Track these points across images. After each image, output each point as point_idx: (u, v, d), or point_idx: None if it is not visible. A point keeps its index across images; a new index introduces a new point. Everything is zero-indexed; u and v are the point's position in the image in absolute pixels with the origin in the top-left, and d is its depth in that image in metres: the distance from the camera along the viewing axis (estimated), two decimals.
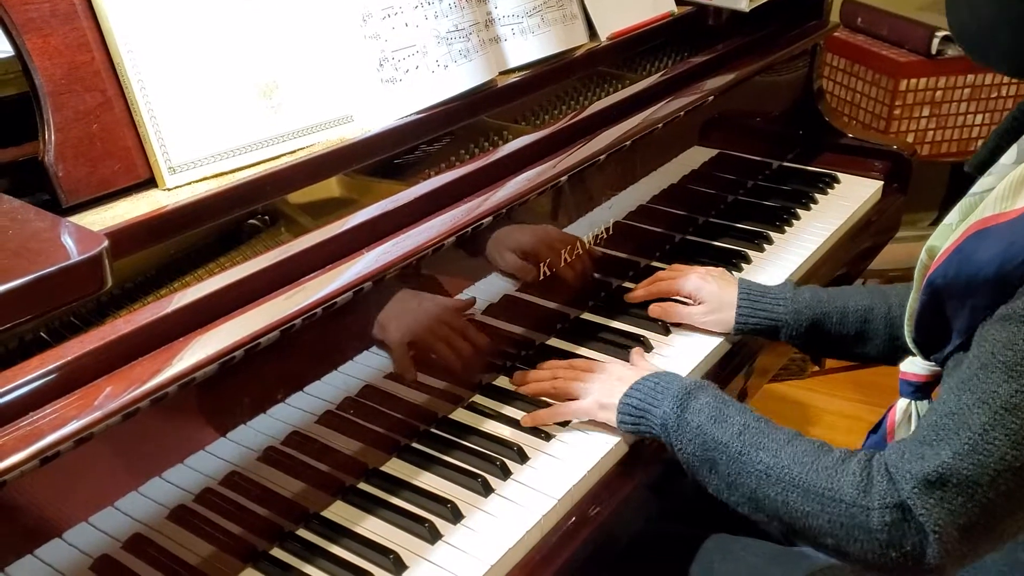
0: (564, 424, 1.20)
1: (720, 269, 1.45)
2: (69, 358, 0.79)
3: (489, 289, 1.24)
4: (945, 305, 0.98)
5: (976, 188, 0.99)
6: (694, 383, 1.12)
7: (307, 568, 0.99)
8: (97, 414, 0.78)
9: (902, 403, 1.11)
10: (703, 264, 1.56)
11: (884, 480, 0.92)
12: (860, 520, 0.92)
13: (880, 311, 1.26)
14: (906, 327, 1.08)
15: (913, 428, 1.10)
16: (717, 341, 1.37)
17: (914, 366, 1.09)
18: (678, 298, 1.42)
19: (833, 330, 1.29)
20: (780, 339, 1.33)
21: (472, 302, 1.21)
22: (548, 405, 1.22)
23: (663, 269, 1.55)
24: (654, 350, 1.35)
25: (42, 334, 0.89)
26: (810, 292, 1.32)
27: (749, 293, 1.34)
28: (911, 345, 1.08)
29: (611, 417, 1.15)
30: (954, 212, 1.00)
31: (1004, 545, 0.95)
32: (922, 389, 1.09)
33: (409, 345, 1.13)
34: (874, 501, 0.92)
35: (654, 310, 1.41)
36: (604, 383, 1.18)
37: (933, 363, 1.06)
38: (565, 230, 1.35)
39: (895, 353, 1.24)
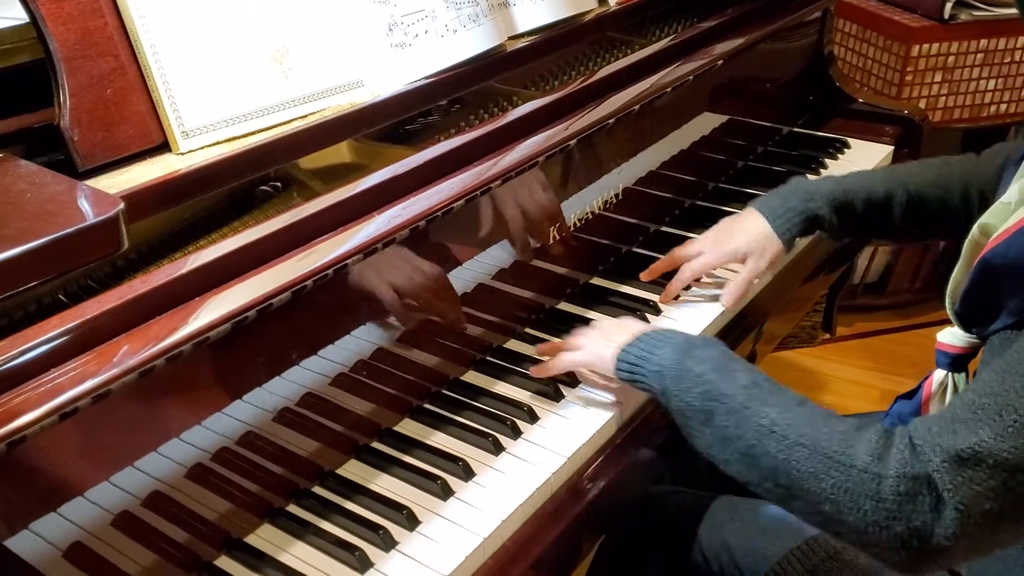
0: (574, 385, 1.21)
1: (733, 216, 1.41)
2: (88, 317, 0.81)
3: (499, 254, 1.26)
4: (999, 284, 0.96)
5: None
6: (703, 339, 1.09)
7: (323, 523, 1.01)
8: (115, 371, 0.80)
9: (938, 374, 1.09)
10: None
11: (906, 450, 0.87)
12: (869, 487, 0.87)
13: (900, 197, 1.33)
14: (948, 299, 1.06)
15: (948, 402, 1.09)
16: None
17: (952, 337, 1.07)
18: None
19: (861, 208, 1.33)
20: (822, 229, 1.35)
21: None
22: None
23: (671, 232, 1.57)
24: (663, 313, 1.36)
25: (61, 297, 0.91)
26: (829, 181, 1.36)
27: (772, 208, 1.35)
28: (952, 316, 1.06)
29: (608, 367, 1.11)
30: (1012, 191, 0.99)
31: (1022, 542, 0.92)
32: (959, 361, 1.08)
33: (419, 309, 1.14)
34: (889, 469, 0.86)
35: (728, 301, 1.34)
36: (608, 332, 1.16)
37: (972, 335, 1.05)
38: (575, 195, 1.36)
39: (926, 230, 1.38)
